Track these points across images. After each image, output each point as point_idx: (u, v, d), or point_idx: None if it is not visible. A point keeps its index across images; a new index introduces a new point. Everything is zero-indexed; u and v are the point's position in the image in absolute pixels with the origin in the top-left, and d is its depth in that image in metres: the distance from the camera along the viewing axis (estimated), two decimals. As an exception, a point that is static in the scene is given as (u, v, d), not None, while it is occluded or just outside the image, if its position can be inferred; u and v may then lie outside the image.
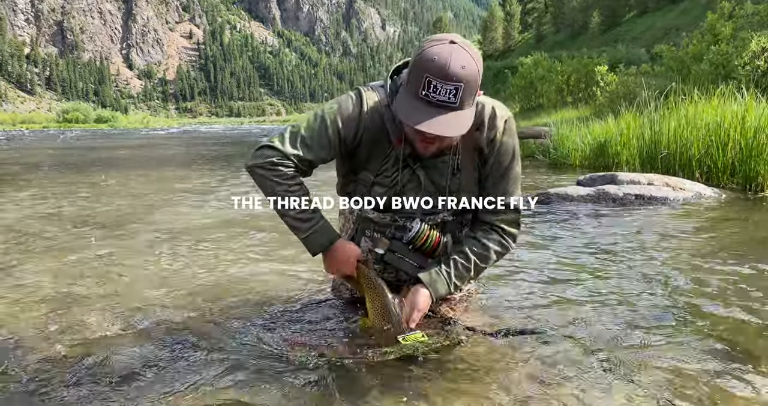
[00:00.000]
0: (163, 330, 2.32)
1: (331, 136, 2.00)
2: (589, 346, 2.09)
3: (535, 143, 11.29)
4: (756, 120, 6.15)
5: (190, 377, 1.89)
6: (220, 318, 2.43)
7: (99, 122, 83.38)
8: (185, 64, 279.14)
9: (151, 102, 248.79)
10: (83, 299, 2.74)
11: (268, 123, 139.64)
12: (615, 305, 2.54)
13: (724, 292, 2.70)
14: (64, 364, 2.01)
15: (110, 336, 2.28)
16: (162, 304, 2.64)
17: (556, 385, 1.80)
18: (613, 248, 3.70)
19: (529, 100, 23.88)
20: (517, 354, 2.04)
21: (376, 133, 2.05)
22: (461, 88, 1.74)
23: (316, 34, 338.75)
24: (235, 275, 3.15)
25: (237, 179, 8.52)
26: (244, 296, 2.75)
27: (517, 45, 68.29)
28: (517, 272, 3.13)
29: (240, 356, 2.04)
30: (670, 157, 7.00)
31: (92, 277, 3.13)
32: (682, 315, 2.41)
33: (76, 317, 2.49)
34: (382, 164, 2.10)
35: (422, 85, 1.75)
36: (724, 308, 2.47)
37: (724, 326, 2.27)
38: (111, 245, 3.99)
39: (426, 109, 1.77)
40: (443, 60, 1.72)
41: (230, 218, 5.08)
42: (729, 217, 4.81)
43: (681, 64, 13.38)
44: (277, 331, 2.27)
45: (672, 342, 2.12)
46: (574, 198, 5.69)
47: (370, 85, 2.10)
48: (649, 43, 34.91)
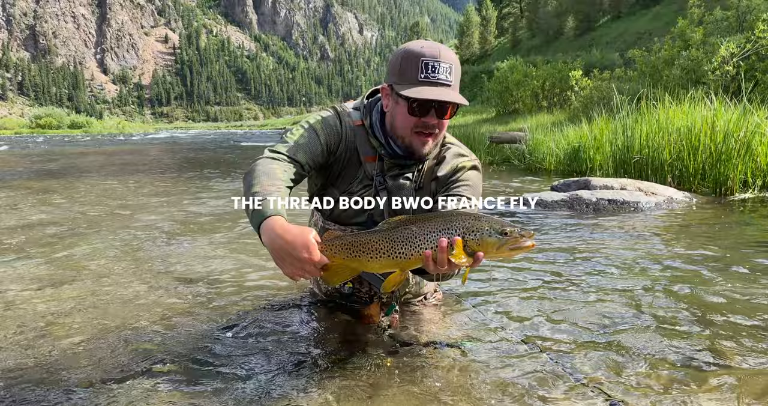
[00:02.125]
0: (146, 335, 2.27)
1: (321, 143, 2.08)
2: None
3: (510, 148, 11.37)
4: (725, 125, 6.25)
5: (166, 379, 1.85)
6: (192, 325, 2.39)
7: (73, 128, 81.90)
8: (161, 69, 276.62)
9: (126, 107, 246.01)
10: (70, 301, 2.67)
11: (246, 127, 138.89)
12: (579, 309, 2.55)
13: (692, 295, 2.72)
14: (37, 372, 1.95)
15: (98, 346, 2.22)
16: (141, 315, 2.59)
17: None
18: (582, 252, 3.72)
19: (506, 104, 24.05)
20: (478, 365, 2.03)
21: (349, 151, 2.14)
22: (452, 67, 1.93)
23: (294, 39, 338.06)
24: (215, 283, 3.11)
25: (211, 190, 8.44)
26: (227, 307, 2.70)
27: (494, 49, 68.91)
28: (489, 279, 3.13)
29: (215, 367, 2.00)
30: (642, 162, 7.09)
31: (72, 281, 3.06)
32: (648, 317, 2.43)
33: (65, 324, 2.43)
34: (349, 184, 2.17)
35: (420, 70, 1.89)
36: (690, 311, 2.49)
37: (692, 328, 2.29)
38: (81, 251, 3.91)
39: (431, 89, 1.89)
40: (433, 46, 1.93)
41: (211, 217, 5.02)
42: (699, 221, 4.87)
43: (653, 68, 13.57)
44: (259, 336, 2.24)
45: (637, 341, 2.13)
46: (548, 203, 5.72)
47: (343, 105, 2.22)
48: (623, 47, 35.46)
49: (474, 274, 3.22)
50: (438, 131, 2.02)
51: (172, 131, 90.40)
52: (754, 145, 6.13)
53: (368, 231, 1.81)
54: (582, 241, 4.14)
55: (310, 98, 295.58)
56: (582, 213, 5.41)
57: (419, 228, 1.71)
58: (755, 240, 4.06)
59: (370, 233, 1.79)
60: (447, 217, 1.72)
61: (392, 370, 2.01)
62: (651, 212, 5.39)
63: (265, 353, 2.18)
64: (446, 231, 1.67)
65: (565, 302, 2.73)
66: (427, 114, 1.95)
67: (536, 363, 2.06)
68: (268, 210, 1.72)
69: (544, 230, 4.64)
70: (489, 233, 1.66)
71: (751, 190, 6.10)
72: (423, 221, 1.73)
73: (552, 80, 21.20)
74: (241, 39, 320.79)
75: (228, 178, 9.63)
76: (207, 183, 8.86)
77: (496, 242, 1.65)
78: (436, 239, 1.67)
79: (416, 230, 1.71)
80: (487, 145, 11.95)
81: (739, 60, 10.67)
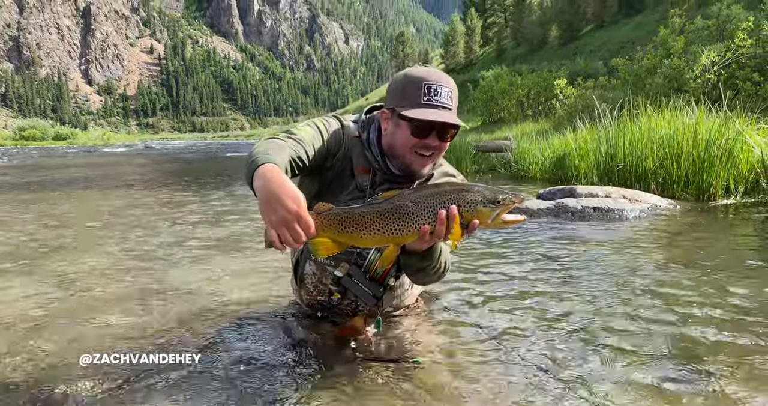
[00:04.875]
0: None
1: (324, 143, 2.10)
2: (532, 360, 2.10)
3: (497, 157, 11.43)
4: (707, 132, 6.33)
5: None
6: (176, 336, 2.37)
7: (57, 139, 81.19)
8: (146, 80, 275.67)
9: (111, 118, 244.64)
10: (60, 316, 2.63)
11: (232, 138, 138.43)
12: (561, 319, 2.56)
13: (676, 301, 2.74)
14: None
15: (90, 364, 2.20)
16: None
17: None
18: (568, 261, 3.74)
19: (491, 113, 24.21)
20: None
21: (345, 159, 2.16)
22: (453, 92, 2.00)
23: (280, 49, 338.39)
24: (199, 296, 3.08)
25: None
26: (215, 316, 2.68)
27: (479, 59, 69.45)
28: (472, 285, 3.14)
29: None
30: (626, 170, 7.15)
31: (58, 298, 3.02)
32: (634, 323, 2.44)
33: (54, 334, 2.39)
34: (338, 194, 2.18)
35: (423, 93, 1.95)
36: (675, 316, 2.51)
37: (676, 335, 2.30)
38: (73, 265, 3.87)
39: (433, 111, 1.94)
40: (434, 72, 2.00)
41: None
42: (683, 228, 4.91)
43: (636, 77, 13.74)
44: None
45: (620, 351, 2.15)
46: (534, 212, 5.75)
47: (344, 116, 2.25)
48: (606, 56, 35.85)
49: (455, 277, 3.23)
50: (438, 153, 2.06)
51: (158, 142, 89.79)
52: (735, 152, 6.21)
53: (361, 206, 1.78)
54: (567, 249, 4.16)
55: (296, 108, 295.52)
56: (568, 221, 5.44)
57: (415, 204, 1.73)
58: (738, 244, 4.11)
59: (363, 208, 1.76)
60: (441, 190, 1.75)
61: (375, 382, 2.00)
62: (635, 219, 5.43)
63: (246, 364, 2.17)
64: (442, 205, 1.71)
65: (548, 309, 2.74)
66: (428, 135, 1.98)
67: (516, 369, 2.06)
68: (266, 159, 1.70)
69: (530, 238, 4.66)
70: (483, 203, 1.71)
71: (733, 197, 6.17)
72: (417, 195, 1.74)
73: (537, 89, 21.39)
74: (227, 49, 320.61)
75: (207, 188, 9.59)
76: (183, 194, 8.81)
77: (490, 212, 1.71)
78: (434, 214, 1.70)
79: (412, 206, 1.73)
80: (474, 154, 12.01)
81: (720, 68, 10.83)
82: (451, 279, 3.28)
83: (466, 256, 3.98)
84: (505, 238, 4.68)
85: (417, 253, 1.96)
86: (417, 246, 1.87)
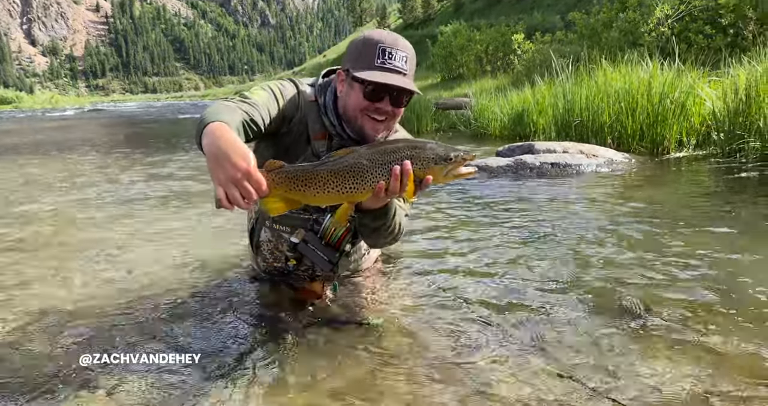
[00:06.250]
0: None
1: (279, 107, 2.06)
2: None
3: (456, 114, 11.40)
4: (661, 86, 6.41)
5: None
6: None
7: (2, 103, 77.63)
8: (94, 39, 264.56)
9: (58, 80, 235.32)
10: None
11: (186, 98, 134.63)
12: (522, 270, 2.60)
13: (631, 253, 2.81)
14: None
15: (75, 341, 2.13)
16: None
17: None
18: (526, 220, 3.78)
19: (450, 70, 24.03)
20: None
21: (301, 125, 2.13)
22: (409, 57, 1.97)
23: (232, 5, 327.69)
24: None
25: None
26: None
27: (437, 13, 68.49)
28: (428, 244, 3.16)
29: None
30: (583, 125, 7.22)
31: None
32: (598, 281, 2.50)
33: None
34: (293, 160, 2.11)
35: (377, 55, 1.92)
36: (630, 270, 2.58)
37: (632, 284, 2.37)
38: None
39: (385, 74, 1.91)
40: (392, 36, 1.99)
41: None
42: (638, 181, 5.02)
43: (592, 31, 13.74)
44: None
45: (576, 306, 2.20)
46: (493, 169, 5.79)
47: (300, 81, 2.20)
48: (564, 10, 35.74)
49: (412, 239, 3.24)
50: (391, 118, 2.03)
51: (108, 104, 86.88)
52: (688, 106, 6.32)
53: (313, 164, 1.76)
54: (525, 207, 4.21)
55: (252, 67, 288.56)
56: (526, 177, 5.49)
57: (369, 161, 1.72)
58: (688, 193, 4.22)
59: (316, 165, 1.74)
60: (394, 147, 1.76)
61: (333, 344, 2.01)
62: (592, 173, 5.52)
63: (204, 331, 2.16)
64: (396, 161, 1.71)
65: (508, 270, 2.77)
66: (381, 100, 1.95)
67: (472, 327, 2.09)
68: (215, 118, 1.66)
69: (489, 196, 4.69)
70: (435, 161, 1.72)
71: (686, 149, 6.30)
72: (371, 152, 1.74)
73: (495, 44, 21.24)
74: (177, 6, 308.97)
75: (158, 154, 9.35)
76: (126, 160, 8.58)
77: (442, 168, 1.73)
78: (388, 170, 1.71)
79: (366, 163, 1.72)
80: (434, 112, 11.95)
81: (673, 22, 10.91)
82: (408, 241, 3.29)
83: (424, 217, 3.99)
84: (463, 196, 4.70)
85: (371, 211, 1.95)
86: (371, 204, 1.87)
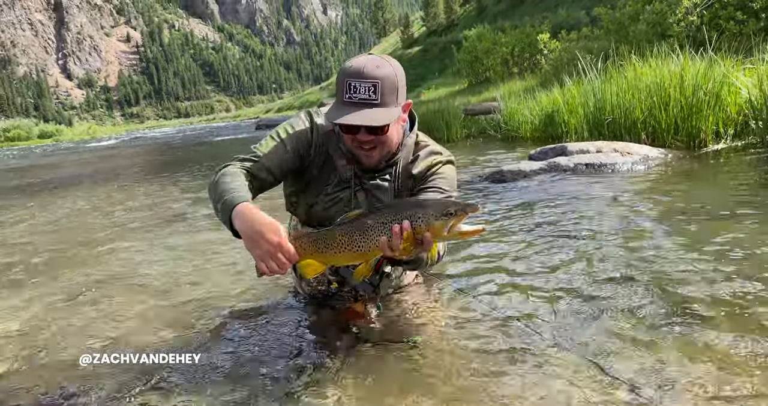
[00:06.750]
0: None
1: (289, 150, 2.10)
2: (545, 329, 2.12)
3: (486, 119, 11.35)
4: (693, 78, 6.28)
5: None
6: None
7: (43, 137, 79.99)
8: (126, 69, 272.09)
9: (95, 111, 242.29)
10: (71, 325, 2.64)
11: (219, 120, 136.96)
12: (564, 278, 2.58)
13: (677, 252, 2.76)
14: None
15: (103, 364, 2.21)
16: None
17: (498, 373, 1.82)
18: (566, 224, 3.74)
19: (477, 74, 23.98)
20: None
21: (322, 155, 2.16)
22: (379, 85, 1.87)
23: (258, 26, 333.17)
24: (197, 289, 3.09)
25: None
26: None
27: (460, 18, 68.34)
28: (468, 258, 3.15)
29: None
30: (615, 122, 7.11)
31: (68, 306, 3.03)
32: (643, 285, 2.46)
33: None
34: (324, 186, 2.18)
35: (344, 90, 1.88)
36: (676, 268, 2.53)
37: (677, 283, 2.33)
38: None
39: (349, 109, 1.88)
40: (359, 64, 1.89)
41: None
42: (675, 177, 4.92)
43: (619, 25, 13.54)
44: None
45: (624, 306, 2.17)
46: (527, 173, 5.75)
47: (318, 111, 2.22)
48: (588, 5, 35.29)
49: (451, 250, 3.24)
50: (378, 144, 2.03)
51: (143, 131, 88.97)
52: (723, 96, 6.16)
53: (329, 227, 1.87)
54: (564, 211, 4.16)
55: (280, 84, 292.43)
56: (561, 180, 5.43)
57: (373, 220, 1.78)
58: (729, 186, 4.12)
59: (332, 228, 1.85)
60: (396, 206, 1.81)
61: (376, 365, 2.02)
62: (628, 172, 5.43)
63: (250, 354, 2.20)
64: (397, 220, 1.75)
65: (550, 279, 2.75)
66: (357, 132, 1.97)
67: (517, 343, 2.08)
68: (237, 198, 1.79)
69: (526, 203, 4.66)
70: (435, 217, 1.74)
71: (723, 141, 6.15)
72: (376, 212, 1.80)
73: (521, 45, 21.14)
74: (205, 31, 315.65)
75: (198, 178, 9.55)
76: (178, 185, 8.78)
77: (443, 224, 1.73)
78: (389, 228, 1.74)
79: (370, 222, 1.78)
80: (463, 118, 11.92)
81: (702, 9, 10.69)
82: (447, 253, 3.29)
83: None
84: (499, 206, 4.68)
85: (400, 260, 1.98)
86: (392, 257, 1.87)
